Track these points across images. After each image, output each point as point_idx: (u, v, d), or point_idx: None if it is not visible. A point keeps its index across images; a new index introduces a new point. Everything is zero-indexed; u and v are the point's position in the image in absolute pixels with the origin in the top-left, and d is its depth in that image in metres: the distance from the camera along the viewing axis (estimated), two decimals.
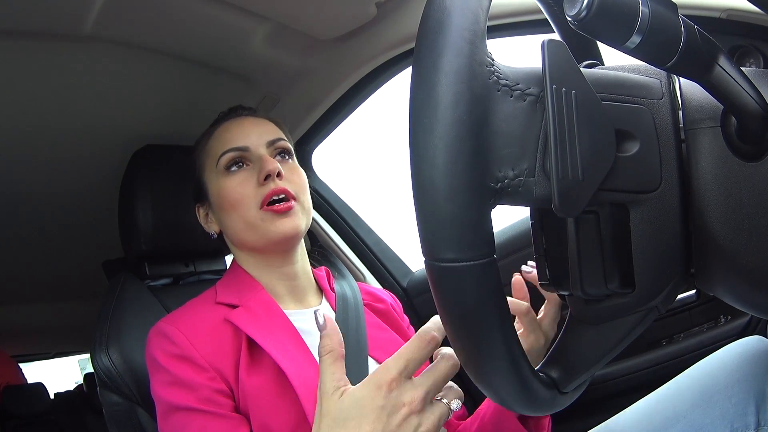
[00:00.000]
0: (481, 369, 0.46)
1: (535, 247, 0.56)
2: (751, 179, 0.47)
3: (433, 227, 0.42)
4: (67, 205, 1.52)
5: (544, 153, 0.45)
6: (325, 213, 1.57)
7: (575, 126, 0.44)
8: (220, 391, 0.81)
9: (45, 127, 1.22)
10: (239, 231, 0.94)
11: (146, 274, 1.19)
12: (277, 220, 0.90)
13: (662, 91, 0.51)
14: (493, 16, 1.04)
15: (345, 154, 2.00)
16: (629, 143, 0.48)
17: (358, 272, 1.54)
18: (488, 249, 0.42)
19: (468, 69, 0.42)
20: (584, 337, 0.53)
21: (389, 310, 1.07)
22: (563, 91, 0.44)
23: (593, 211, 0.49)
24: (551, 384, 0.51)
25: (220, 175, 0.95)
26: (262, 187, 0.91)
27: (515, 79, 0.45)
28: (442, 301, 0.44)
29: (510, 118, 0.44)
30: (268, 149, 0.95)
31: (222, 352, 0.84)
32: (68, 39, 1.01)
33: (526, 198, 0.45)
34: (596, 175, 0.46)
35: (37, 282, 2.03)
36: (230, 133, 0.97)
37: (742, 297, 0.52)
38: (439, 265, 0.42)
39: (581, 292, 0.50)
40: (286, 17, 1.08)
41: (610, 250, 0.50)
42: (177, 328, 0.86)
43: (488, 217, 0.43)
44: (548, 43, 0.45)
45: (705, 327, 1.13)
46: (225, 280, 0.98)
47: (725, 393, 0.63)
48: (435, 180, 0.41)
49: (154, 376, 0.85)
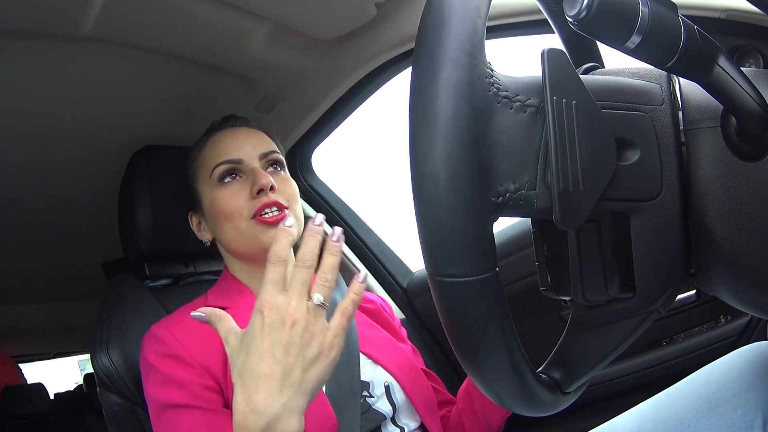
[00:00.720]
0: (485, 379, 0.47)
1: (536, 253, 0.56)
2: (751, 179, 0.47)
3: (436, 243, 0.42)
4: (66, 206, 1.51)
5: (544, 165, 0.45)
6: (325, 213, 1.56)
7: (576, 137, 0.44)
8: (209, 388, 0.84)
9: (44, 128, 1.22)
10: (231, 240, 0.96)
11: (146, 275, 1.19)
12: (269, 230, 0.93)
13: (662, 97, 0.51)
14: (492, 17, 1.04)
15: (345, 155, 1.99)
16: (630, 152, 0.48)
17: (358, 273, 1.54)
18: (490, 263, 0.43)
19: (468, 82, 0.42)
20: (586, 340, 0.54)
21: (379, 310, 1.11)
22: (563, 102, 0.44)
23: (594, 220, 0.49)
24: (554, 385, 0.52)
25: (213, 186, 0.97)
26: (254, 200, 0.93)
27: (515, 90, 0.45)
28: (446, 315, 0.45)
29: (510, 131, 0.44)
30: (260, 162, 0.98)
31: (210, 351, 0.86)
32: (68, 39, 1.01)
33: (527, 210, 0.45)
34: (597, 186, 0.46)
35: (36, 282, 2.03)
36: (223, 144, 0.99)
37: (742, 297, 0.52)
38: (442, 280, 0.43)
39: (582, 298, 0.51)
40: (286, 17, 1.08)
41: (610, 257, 0.50)
42: (167, 330, 0.89)
43: (490, 232, 0.43)
44: (548, 52, 0.45)
45: (705, 327, 1.13)
46: (216, 287, 1.01)
47: (732, 403, 0.62)
48: (436, 197, 0.41)
49: (146, 377, 0.88)
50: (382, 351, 0.99)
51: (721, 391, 0.64)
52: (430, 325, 1.47)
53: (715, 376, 0.67)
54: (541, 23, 1.00)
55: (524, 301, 1.09)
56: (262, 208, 0.92)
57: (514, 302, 0.87)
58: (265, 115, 1.37)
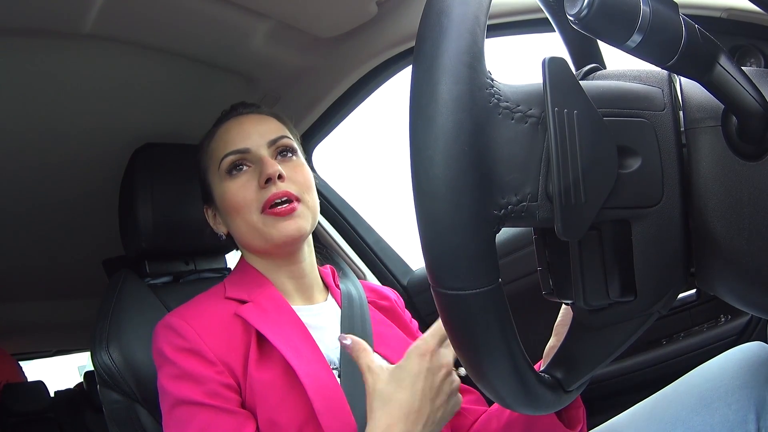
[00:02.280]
0: (490, 385, 0.48)
1: (538, 259, 0.56)
2: (751, 179, 0.47)
3: (439, 258, 0.42)
4: (67, 203, 1.51)
5: (546, 176, 0.45)
6: (326, 211, 1.57)
7: (577, 148, 0.44)
8: (228, 386, 0.81)
9: (45, 126, 1.22)
10: (243, 234, 0.94)
11: (146, 272, 1.19)
12: (279, 223, 0.89)
13: (664, 102, 0.50)
14: (493, 15, 1.04)
15: (346, 153, 2.00)
16: (631, 159, 0.48)
17: (359, 270, 1.54)
18: (493, 275, 0.43)
19: (468, 96, 0.41)
20: (587, 341, 0.54)
21: (394, 307, 1.07)
22: (565, 112, 0.44)
23: (595, 228, 0.49)
24: (557, 385, 0.53)
25: (222, 178, 0.94)
26: (263, 191, 0.90)
27: (516, 101, 0.45)
28: (450, 326, 0.45)
29: (512, 143, 0.44)
30: (269, 149, 0.94)
31: (231, 347, 0.84)
32: (68, 37, 1.01)
33: (529, 221, 0.45)
34: (599, 196, 0.46)
35: (37, 280, 2.03)
36: (230, 135, 0.95)
37: (742, 296, 0.52)
38: (446, 293, 0.43)
39: (584, 303, 0.51)
40: (287, 15, 1.08)
41: (611, 262, 0.50)
42: (186, 321, 0.85)
43: (492, 244, 0.43)
44: (549, 61, 0.44)
45: (705, 326, 1.13)
46: (233, 276, 0.97)
47: (725, 400, 0.63)
48: (439, 213, 0.41)
49: (161, 369, 0.85)
50: (397, 351, 0.97)
51: (716, 388, 0.65)
52: (430, 323, 1.47)
53: (709, 375, 0.68)
54: (542, 22, 1.00)
55: (524, 300, 1.09)
56: (272, 199, 0.89)
57: (514, 301, 0.87)
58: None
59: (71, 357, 3.95)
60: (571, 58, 0.66)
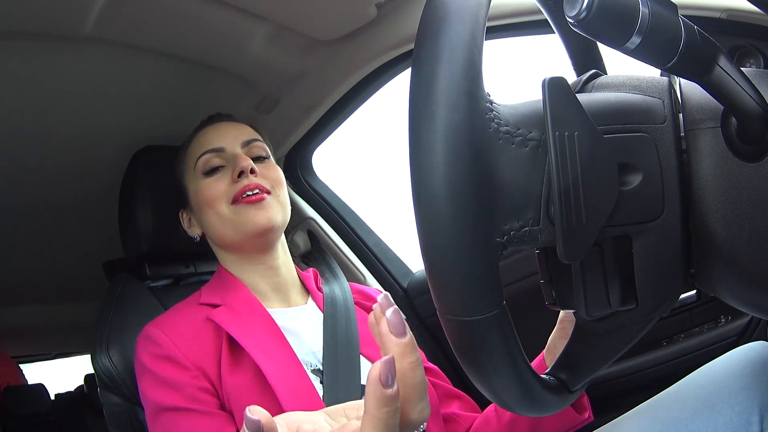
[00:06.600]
0: (500, 398, 0.48)
1: (540, 272, 0.57)
2: (751, 180, 0.47)
3: (444, 287, 0.43)
4: (67, 206, 1.51)
5: (548, 200, 0.45)
6: (326, 214, 1.57)
7: (579, 171, 0.44)
8: (205, 389, 0.82)
9: (45, 129, 1.22)
10: (216, 228, 0.96)
11: (146, 275, 1.19)
12: (250, 212, 0.92)
13: (664, 114, 0.50)
14: (492, 17, 1.04)
15: (345, 155, 2.00)
16: (632, 176, 0.48)
17: (359, 273, 1.54)
18: (497, 300, 0.43)
19: (468, 123, 0.41)
20: (590, 344, 0.55)
21: None
22: (566, 135, 0.44)
23: (597, 244, 0.49)
24: (561, 386, 0.53)
25: (198, 177, 0.97)
26: (235, 184, 0.93)
27: (515, 124, 0.45)
28: (457, 349, 0.46)
29: (513, 168, 0.44)
30: (243, 149, 0.98)
31: (204, 351, 0.85)
32: (68, 40, 1.01)
33: (531, 244, 0.45)
34: (600, 216, 0.46)
35: (37, 283, 2.03)
36: (206, 137, 1.00)
37: (743, 297, 0.52)
38: (452, 319, 0.43)
39: (586, 314, 0.51)
40: (286, 18, 1.08)
41: (612, 275, 0.50)
42: (161, 329, 0.88)
43: (496, 270, 0.43)
44: (548, 82, 0.44)
45: (705, 327, 1.13)
46: (210, 282, 1.00)
47: (729, 401, 0.62)
48: (442, 243, 0.41)
49: (141, 378, 0.87)
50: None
51: (719, 390, 0.64)
52: (430, 325, 1.47)
53: (712, 376, 0.67)
54: (542, 23, 1.00)
55: (524, 301, 1.09)
56: (243, 190, 0.92)
57: (515, 302, 0.87)
58: (266, 115, 1.37)
59: (76, 362, 3.94)
60: (571, 59, 0.66)
